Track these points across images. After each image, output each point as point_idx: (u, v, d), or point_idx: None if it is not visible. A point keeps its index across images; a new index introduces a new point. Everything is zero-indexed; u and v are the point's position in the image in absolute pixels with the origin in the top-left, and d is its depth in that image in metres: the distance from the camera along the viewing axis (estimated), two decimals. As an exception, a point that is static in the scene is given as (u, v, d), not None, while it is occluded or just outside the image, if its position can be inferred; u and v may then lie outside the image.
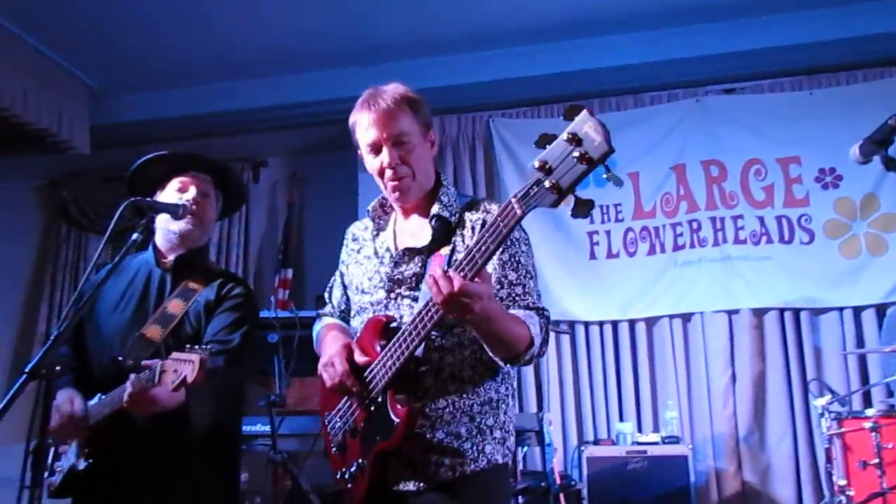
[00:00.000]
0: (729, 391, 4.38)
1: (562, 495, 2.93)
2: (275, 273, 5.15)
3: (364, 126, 1.83)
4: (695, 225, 4.61)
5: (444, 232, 1.84)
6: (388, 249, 1.94)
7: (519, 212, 1.47)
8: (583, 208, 1.40)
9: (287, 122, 5.10)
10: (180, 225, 2.24)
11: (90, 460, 2.03)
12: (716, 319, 4.48)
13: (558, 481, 2.98)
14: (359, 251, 2.03)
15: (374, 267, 1.94)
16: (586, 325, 4.67)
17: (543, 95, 4.93)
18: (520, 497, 3.18)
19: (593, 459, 3.97)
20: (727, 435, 4.30)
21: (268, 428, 3.22)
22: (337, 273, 2.13)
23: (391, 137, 1.80)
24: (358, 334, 1.88)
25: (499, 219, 1.50)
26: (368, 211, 2.01)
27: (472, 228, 1.83)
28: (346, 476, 1.86)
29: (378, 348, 1.77)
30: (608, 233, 4.75)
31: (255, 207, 5.49)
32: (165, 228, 2.25)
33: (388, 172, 1.82)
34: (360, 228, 2.07)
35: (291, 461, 3.16)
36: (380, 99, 1.82)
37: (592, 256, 4.74)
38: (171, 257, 2.29)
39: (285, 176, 5.51)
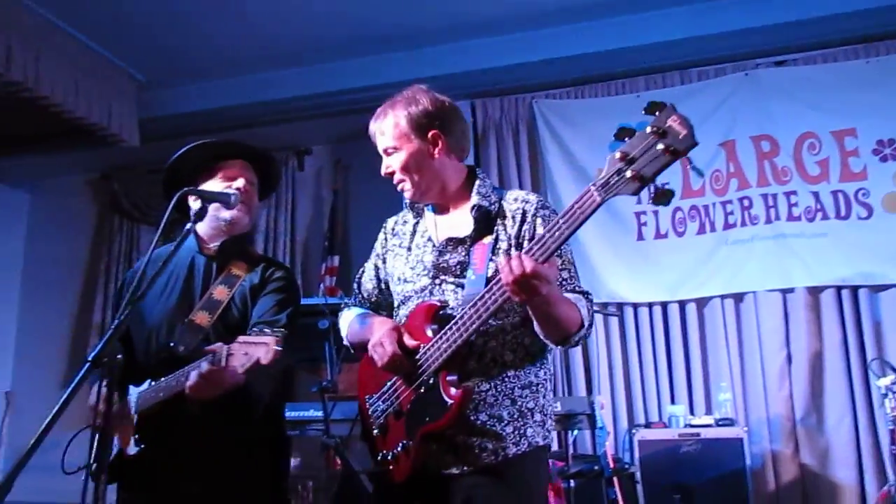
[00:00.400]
0: (784, 372, 4.28)
1: (615, 479, 2.89)
2: (321, 260, 5.19)
3: (373, 137, 2.04)
4: (746, 202, 4.50)
5: (486, 222, 1.93)
6: (429, 239, 2.02)
7: (598, 198, 1.54)
8: (664, 197, 1.49)
9: (330, 109, 5.11)
10: (232, 213, 2.27)
11: (142, 445, 2.06)
12: (769, 299, 4.37)
13: (611, 465, 2.95)
14: (399, 245, 2.10)
15: (416, 257, 2.02)
16: (635, 306, 4.60)
17: (588, 74, 4.85)
18: (571, 481, 3.15)
19: (645, 442, 3.93)
20: (783, 417, 4.20)
21: (320, 413, 3.26)
22: (370, 266, 2.19)
23: (384, 151, 2.00)
24: (406, 319, 1.93)
25: (576, 205, 1.57)
26: (406, 202, 2.09)
27: (513, 218, 1.92)
28: (389, 457, 1.89)
29: (430, 332, 1.82)
30: (656, 213, 4.66)
31: (300, 196, 5.53)
32: (215, 216, 2.26)
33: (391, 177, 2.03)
34: (399, 223, 2.15)
35: (343, 445, 3.19)
36: (381, 113, 2.00)
37: (640, 237, 4.66)
38: (214, 244, 2.31)
39: (330, 163, 5.54)
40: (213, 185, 2.28)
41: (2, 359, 5.59)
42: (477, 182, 2.00)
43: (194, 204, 2.19)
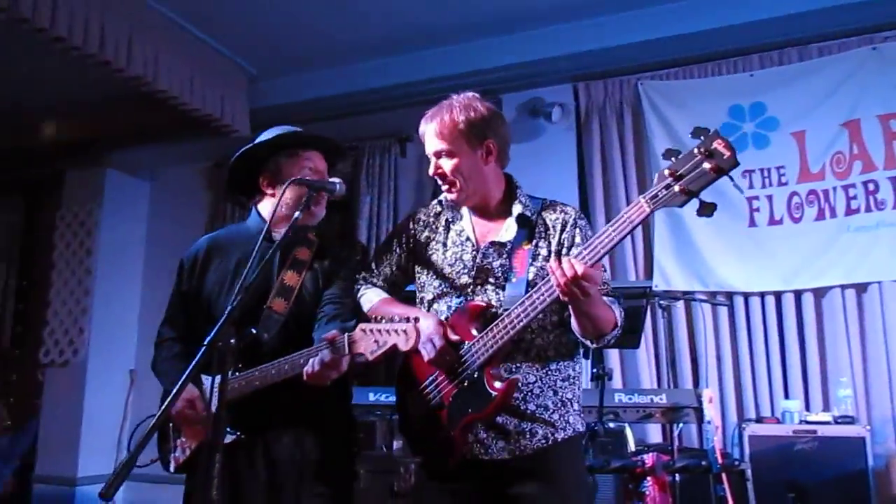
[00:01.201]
0: (913, 368, 3.98)
1: (724, 475, 2.78)
2: (423, 246, 5.22)
3: (423, 137, 2.12)
4: (871, 186, 4.19)
5: (526, 230, 2.06)
6: (468, 239, 2.12)
7: (647, 209, 1.73)
8: (708, 209, 1.71)
9: (431, 96, 5.04)
10: (319, 208, 2.33)
11: (238, 433, 2.12)
12: (897, 289, 4.07)
13: (720, 460, 2.84)
14: (432, 238, 2.19)
15: (454, 254, 2.12)
16: (746, 296, 4.38)
17: (697, 54, 4.62)
18: (676, 475, 3.05)
19: (756, 438, 3.75)
20: (911, 417, 3.92)
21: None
22: (387, 248, 2.26)
23: (436, 153, 2.08)
24: (450, 316, 2.04)
25: (626, 214, 1.74)
26: (442, 201, 2.19)
27: (553, 228, 2.06)
28: (432, 447, 2.02)
29: (474, 330, 1.94)
30: (770, 198, 4.43)
31: (402, 182, 5.58)
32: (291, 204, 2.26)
33: (438, 179, 2.11)
34: (430, 215, 2.23)
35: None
36: (437, 115, 2.07)
37: (752, 223, 4.44)
38: (282, 229, 2.28)
39: (431, 150, 5.55)
40: (292, 172, 2.31)
41: (127, 339, 5.96)
42: (518, 191, 2.13)
43: (293, 191, 2.23)
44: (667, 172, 1.72)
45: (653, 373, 4.48)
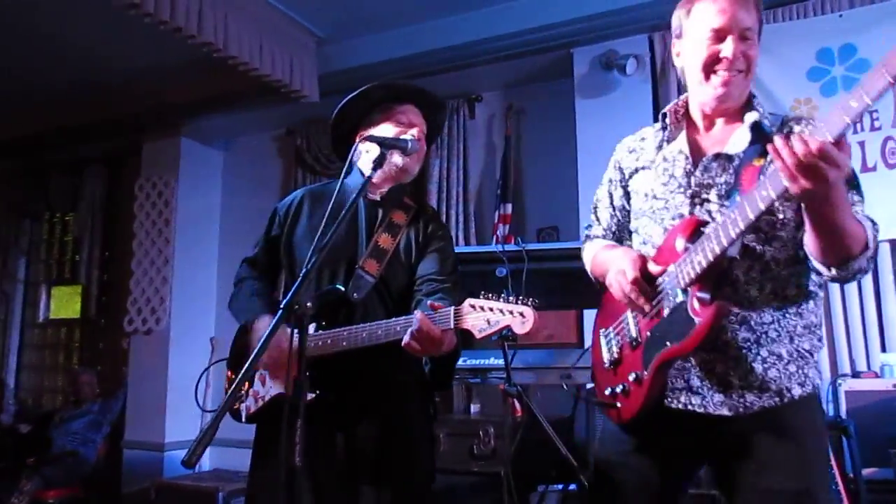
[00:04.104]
0: None
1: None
2: (494, 208, 5.15)
3: (713, 10, 1.72)
4: (974, 128, 3.93)
5: (761, 143, 1.65)
6: (680, 151, 1.82)
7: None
8: None
9: (501, 53, 5.00)
10: (405, 159, 2.26)
11: (317, 392, 2.05)
12: None
13: (822, 417, 2.71)
14: (643, 161, 1.92)
15: (665, 171, 1.83)
16: (837, 247, 4.18)
17: (781, -4, 4.39)
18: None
19: (853, 394, 3.59)
20: None
21: (501, 361, 3.26)
22: (602, 193, 2.06)
23: (740, 30, 1.70)
24: (662, 242, 1.76)
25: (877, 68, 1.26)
26: (664, 115, 1.89)
27: None
28: (618, 391, 1.75)
29: (680, 247, 1.63)
30: (862, 144, 4.18)
31: (472, 144, 5.48)
32: (387, 161, 2.21)
33: (724, 63, 1.71)
34: (636, 140, 1.99)
35: (524, 393, 3.17)
36: None
37: (844, 171, 4.21)
38: (381, 190, 2.30)
39: (501, 109, 5.44)
40: (385, 128, 2.28)
41: (206, 306, 6.08)
42: (754, 99, 1.78)
43: (370, 150, 2.20)
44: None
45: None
